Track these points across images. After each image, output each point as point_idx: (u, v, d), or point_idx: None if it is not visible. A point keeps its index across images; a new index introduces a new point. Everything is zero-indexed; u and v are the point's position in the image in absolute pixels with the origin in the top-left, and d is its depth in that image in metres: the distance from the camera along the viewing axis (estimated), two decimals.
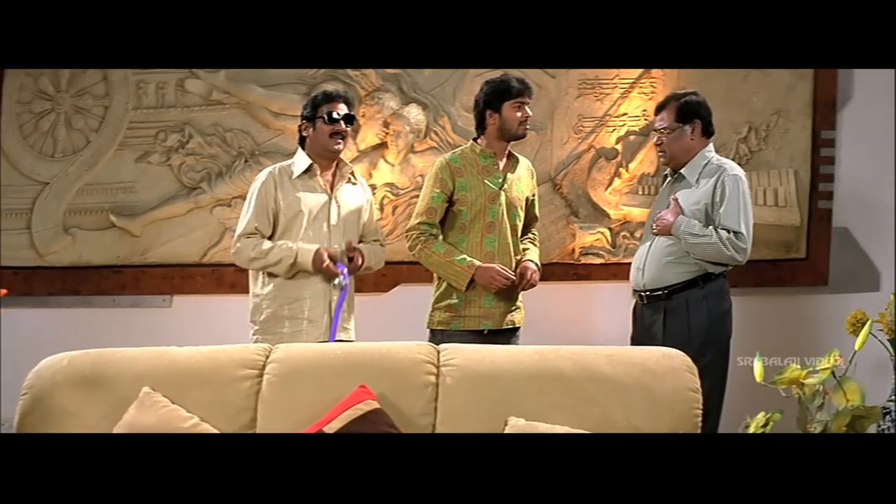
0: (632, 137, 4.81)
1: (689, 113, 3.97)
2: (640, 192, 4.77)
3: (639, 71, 4.78)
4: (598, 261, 4.81)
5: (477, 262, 3.96)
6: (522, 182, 4.13)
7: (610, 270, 4.77)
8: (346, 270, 3.91)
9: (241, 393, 3.08)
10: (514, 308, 4.07)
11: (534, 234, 4.26)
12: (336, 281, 3.89)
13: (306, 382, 3.07)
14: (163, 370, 3.15)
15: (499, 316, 4.02)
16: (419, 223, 4.04)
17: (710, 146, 4.01)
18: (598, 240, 4.80)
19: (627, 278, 4.50)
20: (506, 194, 4.04)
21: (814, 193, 4.74)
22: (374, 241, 4.17)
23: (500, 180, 4.04)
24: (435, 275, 4.09)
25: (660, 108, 4.03)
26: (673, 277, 3.91)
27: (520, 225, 4.12)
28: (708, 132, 4.00)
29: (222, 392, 3.08)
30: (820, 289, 4.77)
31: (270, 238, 3.96)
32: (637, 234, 4.70)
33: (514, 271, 4.02)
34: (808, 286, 4.77)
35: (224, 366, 3.13)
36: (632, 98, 4.80)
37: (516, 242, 4.10)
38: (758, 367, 3.03)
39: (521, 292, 4.10)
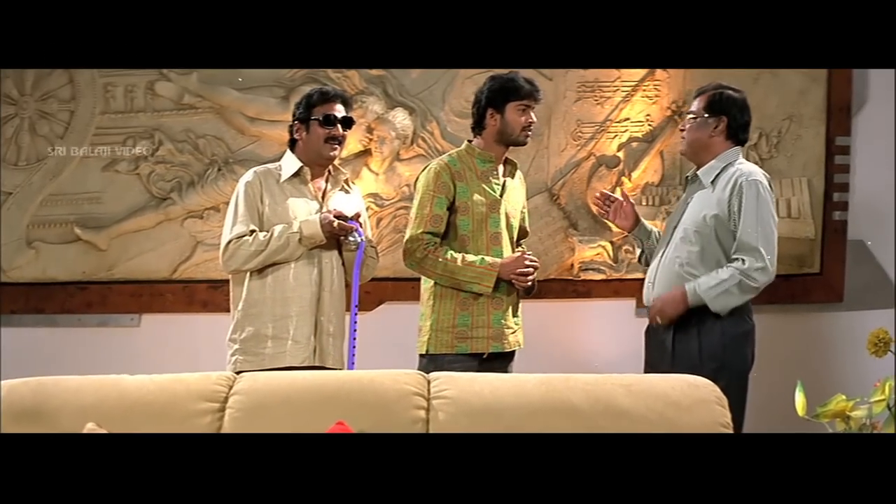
0: (634, 144, 4.44)
1: (719, 107, 3.52)
2: (644, 203, 4.40)
3: (642, 73, 4.42)
4: (599, 277, 4.44)
5: (497, 259, 3.54)
6: (518, 192, 3.75)
7: (612, 287, 4.42)
8: (359, 227, 3.50)
9: (200, 430, 2.62)
10: (517, 328, 3.66)
11: (522, 248, 3.83)
12: (351, 238, 3.47)
13: (275, 418, 2.60)
14: (111, 403, 2.68)
15: (508, 336, 3.60)
16: (423, 232, 3.55)
17: (737, 152, 3.56)
18: (598, 254, 4.44)
19: (630, 295, 4.33)
20: (505, 202, 3.64)
21: (828, 204, 4.43)
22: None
23: (500, 188, 3.64)
24: (427, 294, 3.64)
25: (697, 94, 3.60)
26: None
27: (514, 240, 3.73)
28: (736, 137, 3.55)
29: (177, 429, 2.61)
30: (834, 305, 4.44)
31: None
32: None
33: None
34: (822, 303, 4.44)
35: (180, 398, 2.67)
36: (634, 102, 4.43)
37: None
38: (800, 399, 2.57)
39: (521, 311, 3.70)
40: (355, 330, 3.48)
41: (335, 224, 3.44)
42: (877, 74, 4.41)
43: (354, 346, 3.46)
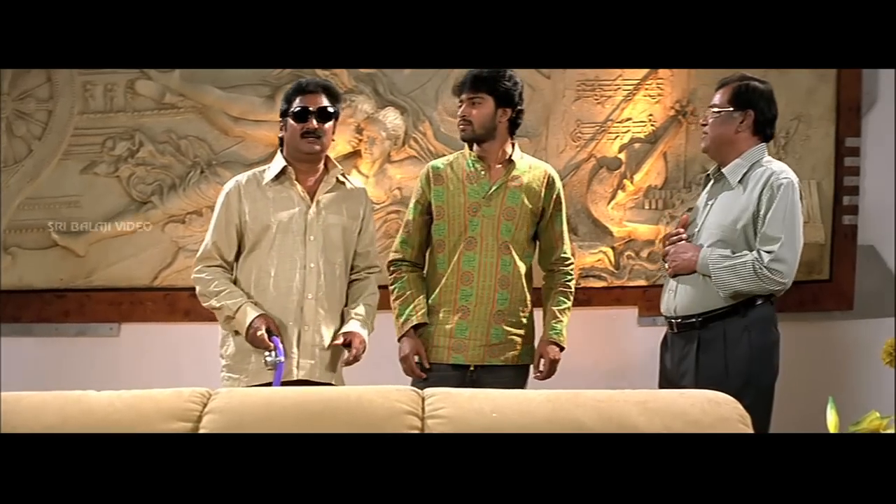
0: (637, 145, 4.21)
1: (745, 100, 3.27)
2: (647, 207, 4.19)
3: (644, 71, 4.19)
4: (600, 284, 4.20)
5: (415, 321, 3.38)
6: (526, 191, 3.44)
7: (613, 295, 4.18)
8: (281, 347, 3.15)
9: None
10: (502, 342, 3.38)
11: (566, 273, 3.56)
12: (269, 357, 3.14)
13: None
14: (74, 421, 2.39)
15: (474, 349, 3.36)
16: (400, 242, 3.50)
17: (763, 149, 3.31)
18: (599, 260, 4.21)
19: (633, 303, 4.16)
20: (493, 205, 3.39)
21: (837, 208, 4.18)
22: (368, 269, 3.42)
23: (487, 188, 3.40)
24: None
25: (720, 86, 3.35)
26: (710, 302, 3.20)
27: (522, 239, 3.45)
28: (763, 133, 3.30)
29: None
30: (845, 314, 4.20)
31: (238, 257, 3.31)
32: (643, 254, 4.18)
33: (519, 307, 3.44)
34: (832, 311, 4.20)
35: (150, 417, 2.37)
36: (636, 101, 4.20)
37: (509, 262, 3.40)
38: (832, 418, 2.31)
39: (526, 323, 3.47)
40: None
41: (258, 335, 3.14)
42: (887, 72, 4.18)
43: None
